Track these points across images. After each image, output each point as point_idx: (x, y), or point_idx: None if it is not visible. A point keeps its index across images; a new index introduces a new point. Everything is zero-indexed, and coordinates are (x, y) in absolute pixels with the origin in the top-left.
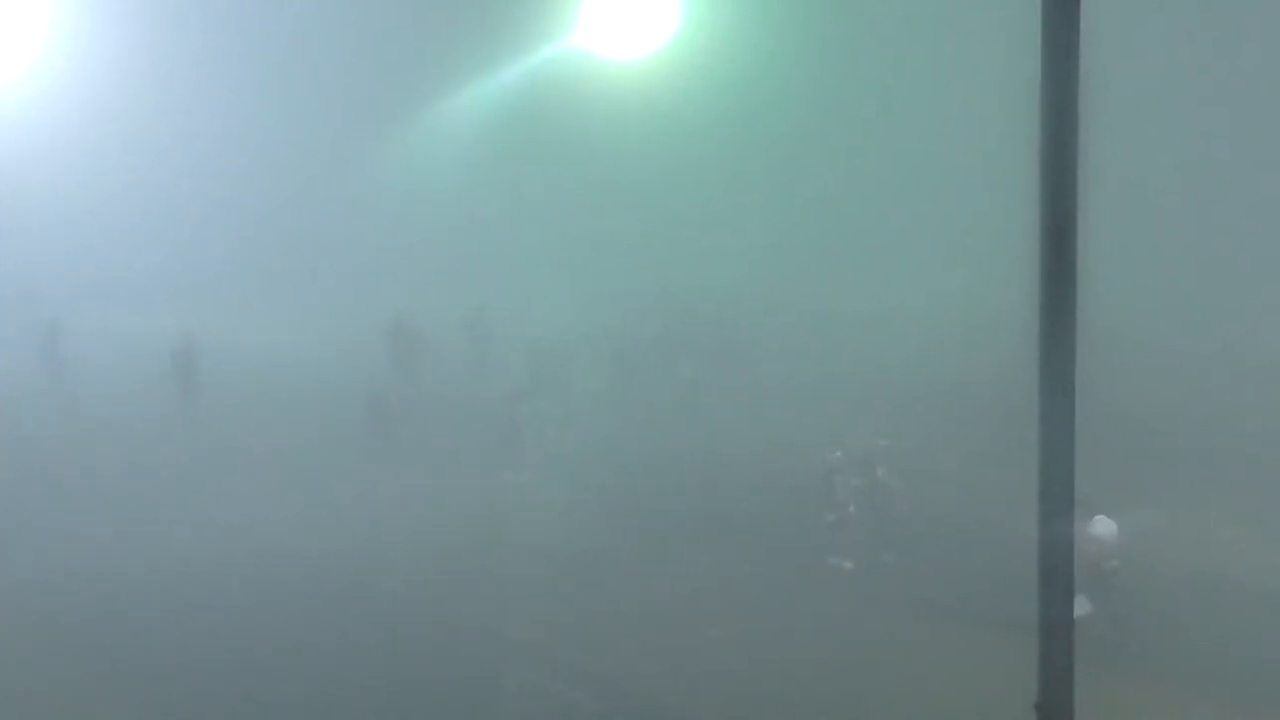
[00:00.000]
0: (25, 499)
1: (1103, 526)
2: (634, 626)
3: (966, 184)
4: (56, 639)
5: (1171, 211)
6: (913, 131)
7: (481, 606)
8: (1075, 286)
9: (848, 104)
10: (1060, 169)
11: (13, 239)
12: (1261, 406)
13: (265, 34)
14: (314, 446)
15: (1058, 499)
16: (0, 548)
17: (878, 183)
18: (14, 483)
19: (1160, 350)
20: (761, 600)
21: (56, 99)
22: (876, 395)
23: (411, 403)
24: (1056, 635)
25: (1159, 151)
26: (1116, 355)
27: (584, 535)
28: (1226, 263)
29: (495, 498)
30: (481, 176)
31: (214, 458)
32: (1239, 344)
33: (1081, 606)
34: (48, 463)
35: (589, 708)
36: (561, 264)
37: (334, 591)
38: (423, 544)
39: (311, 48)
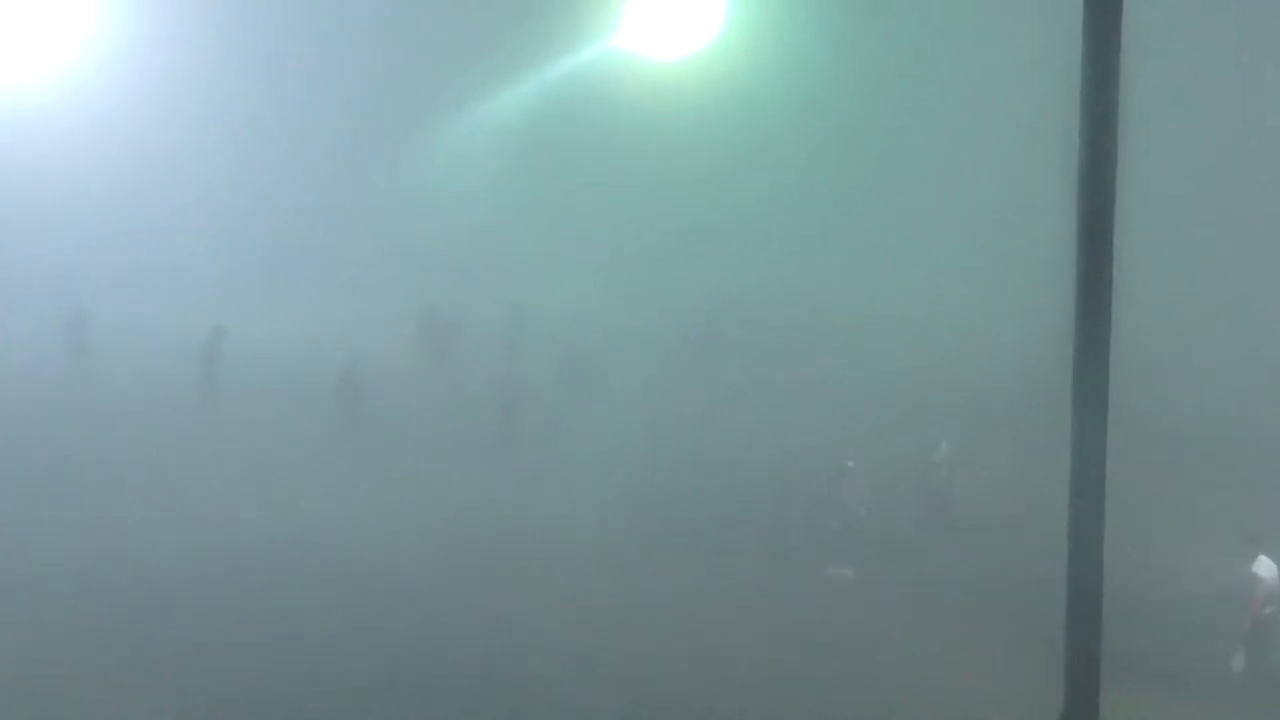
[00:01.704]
0: (36, 488)
1: (1264, 568)
2: (662, 625)
3: (1005, 188)
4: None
5: (1210, 219)
6: (952, 134)
7: (509, 602)
8: (1110, 293)
9: (887, 105)
10: (1099, 175)
11: (37, 231)
12: None
13: (302, 31)
14: (345, 446)
15: (1088, 510)
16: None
17: (918, 185)
18: (26, 470)
19: (1197, 359)
20: (785, 604)
21: (85, 97)
22: (911, 399)
23: (443, 399)
24: (1082, 645)
25: (1199, 158)
26: (1152, 362)
27: (620, 533)
28: (1265, 270)
29: (524, 494)
30: (518, 175)
31: (231, 454)
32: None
33: (1240, 661)
34: (66, 453)
35: (611, 707)
36: (599, 263)
37: (357, 590)
38: (448, 540)
39: (350, 46)
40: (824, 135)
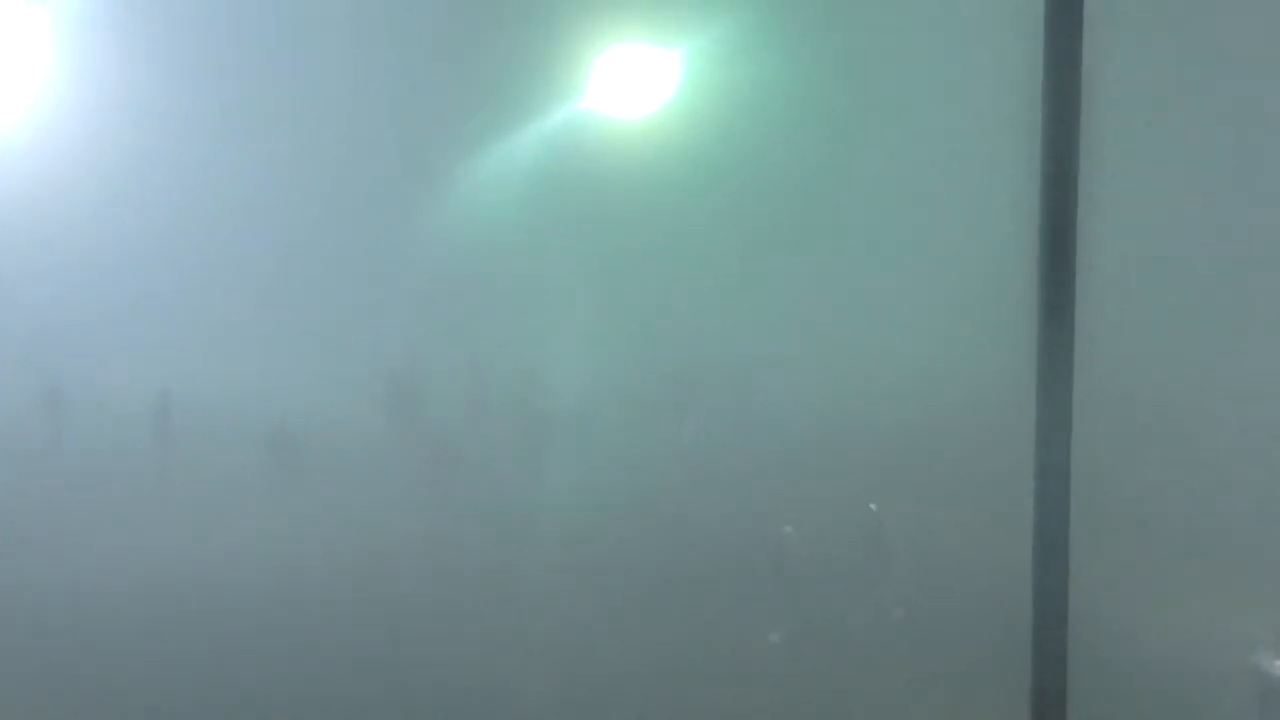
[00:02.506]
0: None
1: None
2: (603, 681)
3: (972, 247)
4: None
5: (1182, 262)
6: (919, 188)
7: (446, 649)
8: (1073, 356)
9: (849, 159)
10: (1059, 229)
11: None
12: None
13: (256, 88)
14: (326, 503)
15: (1052, 573)
16: None
17: (881, 235)
18: None
19: (1167, 419)
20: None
21: (28, 155)
22: (867, 459)
23: (409, 455)
24: (1048, 695)
25: (1165, 195)
26: (1118, 421)
27: (559, 590)
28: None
29: (467, 545)
30: (483, 237)
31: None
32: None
33: None
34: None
35: None
36: (566, 321)
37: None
38: (414, 583)
39: (312, 105)
40: (784, 185)
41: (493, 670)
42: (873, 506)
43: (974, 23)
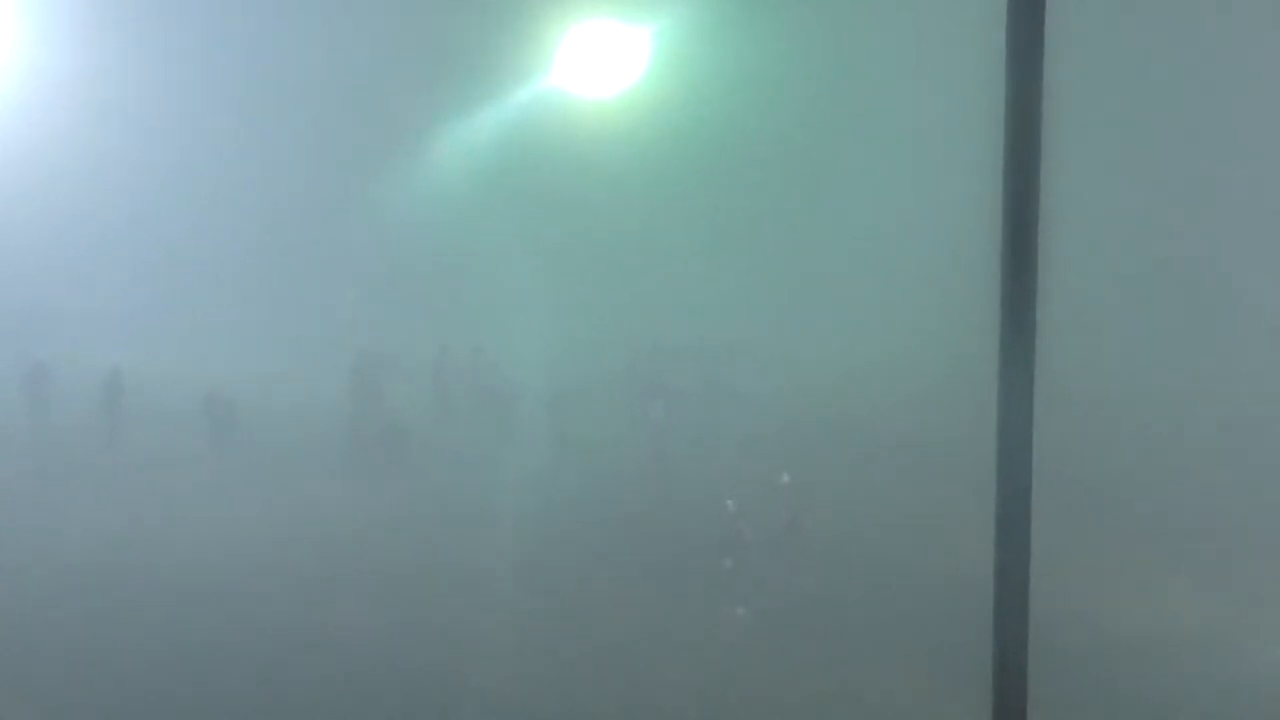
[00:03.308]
0: None
1: None
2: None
3: (937, 239)
4: None
5: (1140, 256)
6: (886, 178)
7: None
8: (1034, 335)
9: (817, 146)
10: (1021, 218)
11: None
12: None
13: (232, 73)
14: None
15: (1013, 552)
16: None
17: (848, 223)
18: None
19: (1125, 407)
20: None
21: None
22: (832, 439)
23: (371, 439)
24: (1007, 694)
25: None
26: (1079, 402)
27: (518, 569)
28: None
29: (463, 532)
30: (451, 216)
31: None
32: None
33: None
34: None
35: None
36: (533, 304)
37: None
38: (374, 567)
39: (291, 89)
40: (752, 170)
41: (454, 653)
42: (785, 478)
43: (939, 18)
